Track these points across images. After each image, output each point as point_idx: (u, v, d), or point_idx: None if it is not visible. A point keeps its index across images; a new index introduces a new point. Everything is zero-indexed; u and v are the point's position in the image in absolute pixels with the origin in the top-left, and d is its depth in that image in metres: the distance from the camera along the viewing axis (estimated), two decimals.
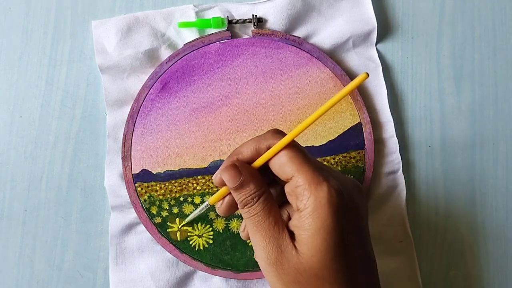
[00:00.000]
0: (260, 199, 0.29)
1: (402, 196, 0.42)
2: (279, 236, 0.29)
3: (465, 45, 0.45)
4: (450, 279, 0.43)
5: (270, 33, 0.43)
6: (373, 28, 0.44)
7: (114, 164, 0.42)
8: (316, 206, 0.27)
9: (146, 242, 0.41)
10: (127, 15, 0.43)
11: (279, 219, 0.29)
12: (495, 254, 0.43)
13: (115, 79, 0.43)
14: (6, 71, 0.44)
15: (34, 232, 0.42)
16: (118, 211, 0.42)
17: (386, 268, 0.41)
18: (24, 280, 0.42)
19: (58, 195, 0.43)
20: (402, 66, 0.45)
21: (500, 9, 0.46)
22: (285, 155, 0.29)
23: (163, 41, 0.43)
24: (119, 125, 0.42)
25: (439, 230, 0.43)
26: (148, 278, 0.41)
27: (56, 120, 0.43)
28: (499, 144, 0.44)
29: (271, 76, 0.42)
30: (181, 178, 0.41)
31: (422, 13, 0.45)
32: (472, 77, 0.45)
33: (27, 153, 0.43)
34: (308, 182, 0.28)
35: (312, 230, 0.27)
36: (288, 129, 0.42)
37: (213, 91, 0.42)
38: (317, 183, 0.28)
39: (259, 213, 0.29)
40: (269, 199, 0.30)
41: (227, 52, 0.42)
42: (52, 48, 0.44)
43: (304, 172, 0.28)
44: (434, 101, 0.44)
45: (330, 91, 0.42)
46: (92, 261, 0.42)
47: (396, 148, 0.43)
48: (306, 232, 0.28)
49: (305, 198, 0.28)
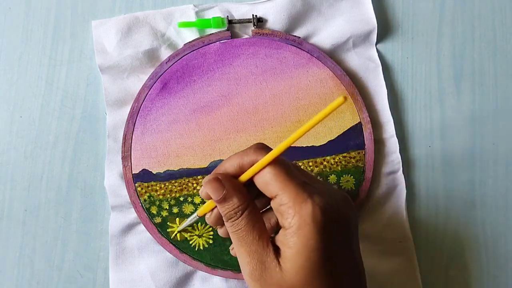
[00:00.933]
0: (244, 213, 0.29)
1: (402, 196, 0.42)
2: (263, 251, 0.29)
3: (465, 45, 0.45)
4: (450, 279, 0.43)
5: (270, 33, 0.43)
6: (373, 28, 0.44)
7: (114, 164, 0.42)
8: (301, 225, 0.27)
9: (146, 242, 0.41)
10: (127, 15, 0.43)
11: (264, 234, 0.29)
12: (495, 254, 0.43)
13: (115, 79, 0.43)
14: (6, 71, 0.44)
15: (34, 232, 0.42)
16: (118, 211, 0.42)
17: (386, 268, 0.41)
18: (24, 280, 0.42)
19: (58, 195, 0.43)
20: (402, 66, 0.45)
21: (500, 9, 0.46)
22: (269, 172, 0.29)
23: (163, 41, 0.43)
24: (119, 125, 0.42)
25: (439, 230, 0.43)
26: (148, 278, 0.41)
27: (56, 120, 0.43)
28: (499, 144, 0.44)
29: (271, 76, 0.42)
30: (181, 178, 0.41)
31: (422, 13, 0.45)
32: (472, 77, 0.45)
33: (27, 153, 0.43)
34: (293, 200, 0.28)
35: (296, 248, 0.27)
36: (288, 129, 0.42)
37: (213, 91, 0.42)
38: (301, 201, 0.27)
39: (243, 228, 0.29)
40: (253, 213, 0.30)
41: (227, 52, 0.42)
42: (52, 48, 0.44)
43: (288, 190, 0.28)
44: (434, 101, 0.44)
45: (330, 91, 0.42)
46: (92, 261, 0.42)
47: (396, 148, 0.43)
48: (290, 250, 0.28)
49: (290, 217, 0.28)
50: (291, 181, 0.28)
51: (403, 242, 0.42)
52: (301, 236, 0.27)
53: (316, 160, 0.42)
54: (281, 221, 0.29)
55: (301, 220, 0.27)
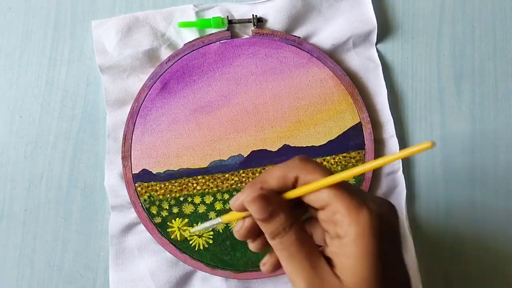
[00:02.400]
0: (292, 229, 0.28)
1: (402, 196, 0.42)
2: (318, 265, 0.27)
3: (465, 45, 0.45)
4: (450, 279, 0.43)
5: (270, 33, 0.43)
6: (373, 28, 0.44)
7: (114, 164, 0.42)
8: (359, 233, 0.26)
9: (146, 242, 0.41)
10: (127, 15, 0.43)
11: (314, 247, 0.28)
12: (495, 254, 0.43)
13: (115, 79, 0.43)
14: (6, 71, 0.44)
15: (34, 232, 0.42)
16: (118, 211, 0.42)
17: None
18: (24, 280, 0.42)
19: (58, 195, 0.43)
20: (402, 66, 0.45)
21: (500, 9, 0.46)
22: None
23: (163, 41, 0.43)
24: (119, 125, 0.42)
25: (439, 230, 0.43)
26: (148, 278, 0.41)
27: (56, 120, 0.43)
28: (499, 144, 0.44)
29: (271, 76, 0.42)
30: (181, 178, 0.41)
31: (422, 13, 0.45)
32: (472, 77, 0.45)
33: (27, 153, 0.43)
34: (348, 208, 0.27)
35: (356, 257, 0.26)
36: (288, 129, 0.42)
37: (213, 91, 0.42)
38: (357, 209, 0.27)
39: (293, 243, 0.28)
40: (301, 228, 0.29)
41: (227, 52, 0.42)
42: (52, 48, 0.44)
43: (341, 198, 0.27)
44: (434, 101, 0.44)
45: (330, 91, 0.42)
46: (92, 261, 0.42)
47: (396, 148, 0.43)
48: (349, 260, 0.27)
49: (346, 225, 0.27)
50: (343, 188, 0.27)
51: (403, 242, 0.42)
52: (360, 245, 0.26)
53: (316, 160, 0.42)
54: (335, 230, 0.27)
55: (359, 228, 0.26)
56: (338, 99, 0.42)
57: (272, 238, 0.28)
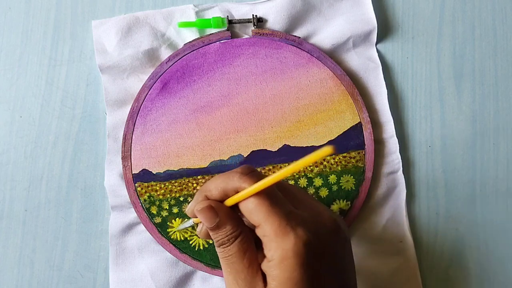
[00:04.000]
0: (236, 240, 0.29)
1: (402, 196, 0.42)
2: (252, 280, 0.29)
3: (466, 45, 0.45)
4: (450, 279, 0.43)
5: (270, 33, 0.43)
6: (373, 28, 0.44)
7: (114, 164, 0.42)
8: (283, 258, 0.27)
9: (146, 242, 0.41)
10: (127, 15, 0.43)
11: (254, 262, 0.29)
12: (495, 254, 0.43)
13: (115, 79, 0.43)
14: (6, 71, 0.44)
15: (34, 232, 0.42)
16: (118, 211, 0.42)
17: (386, 269, 0.41)
18: (24, 280, 0.42)
19: (58, 195, 0.43)
20: (402, 66, 0.45)
21: (500, 9, 0.46)
22: (252, 202, 0.28)
23: (163, 41, 0.43)
24: (119, 125, 0.42)
25: (439, 230, 0.43)
26: (148, 278, 0.41)
27: (56, 120, 0.43)
28: (499, 144, 0.44)
29: (271, 76, 0.42)
30: (181, 178, 0.41)
31: (422, 13, 0.45)
32: (472, 77, 0.45)
33: (27, 153, 0.43)
34: (275, 233, 0.27)
35: (279, 280, 0.27)
36: (288, 129, 0.42)
37: (213, 91, 0.42)
38: (283, 234, 0.27)
39: (234, 254, 0.29)
40: (245, 240, 0.29)
41: (227, 52, 0.42)
42: (52, 48, 0.44)
43: (270, 222, 0.28)
44: (434, 101, 0.44)
45: (330, 91, 0.42)
46: (92, 261, 0.42)
47: (396, 148, 0.43)
48: (274, 282, 0.28)
49: (272, 249, 0.28)
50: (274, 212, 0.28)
51: (403, 242, 0.42)
52: (283, 270, 0.27)
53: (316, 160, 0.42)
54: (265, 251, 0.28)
55: (283, 253, 0.27)
56: (338, 99, 0.42)
57: (217, 246, 0.30)
